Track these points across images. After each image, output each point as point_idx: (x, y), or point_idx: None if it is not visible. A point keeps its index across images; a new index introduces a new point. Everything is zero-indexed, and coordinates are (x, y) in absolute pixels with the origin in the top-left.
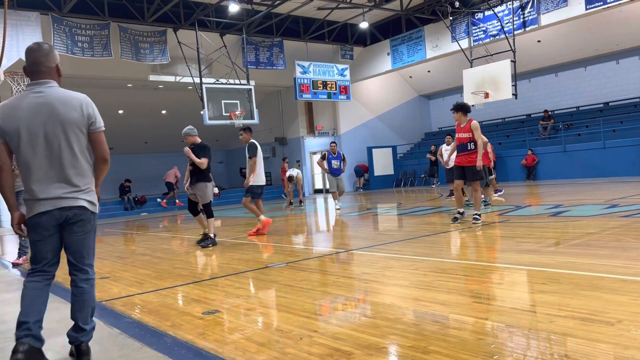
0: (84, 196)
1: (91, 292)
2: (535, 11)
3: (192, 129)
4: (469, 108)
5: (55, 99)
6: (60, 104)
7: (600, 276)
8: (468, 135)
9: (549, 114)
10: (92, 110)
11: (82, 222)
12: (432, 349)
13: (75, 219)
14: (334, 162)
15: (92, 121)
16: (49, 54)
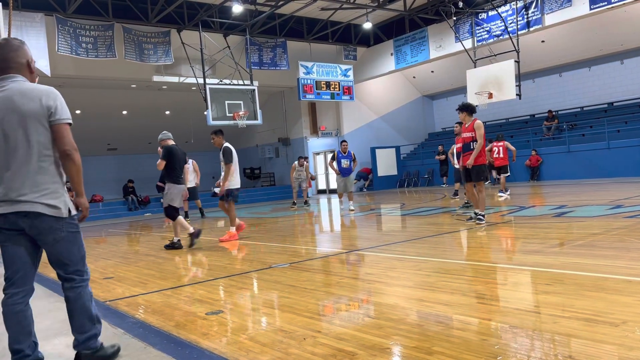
0: (43, 199)
1: (79, 301)
2: (539, 11)
3: (164, 134)
4: (474, 109)
5: (15, 91)
6: (20, 97)
7: (604, 277)
8: (471, 135)
9: (552, 114)
10: (54, 102)
11: (47, 230)
12: (436, 350)
13: (37, 228)
14: (343, 161)
15: (52, 112)
16: (18, 50)
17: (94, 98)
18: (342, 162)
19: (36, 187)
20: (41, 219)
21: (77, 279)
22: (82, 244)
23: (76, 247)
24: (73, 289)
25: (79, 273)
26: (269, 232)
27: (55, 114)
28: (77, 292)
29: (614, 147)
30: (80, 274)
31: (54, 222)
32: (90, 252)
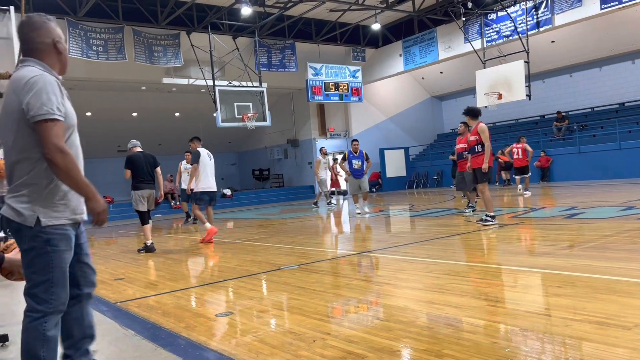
0: (9, 201)
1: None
2: (549, 11)
3: (130, 142)
4: (477, 112)
5: (11, 80)
6: (10, 86)
7: (616, 279)
8: (475, 138)
9: (562, 114)
10: (26, 95)
11: (15, 235)
12: (446, 353)
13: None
14: (355, 162)
15: (25, 108)
16: (41, 28)
17: (104, 100)
18: (354, 163)
19: (9, 188)
20: (10, 224)
21: (27, 307)
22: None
23: (37, 266)
24: (24, 317)
25: (32, 299)
26: (278, 234)
27: (29, 110)
28: (23, 325)
29: (626, 148)
30: (33, 301)
31: (15, 228)
32: (101, 253)
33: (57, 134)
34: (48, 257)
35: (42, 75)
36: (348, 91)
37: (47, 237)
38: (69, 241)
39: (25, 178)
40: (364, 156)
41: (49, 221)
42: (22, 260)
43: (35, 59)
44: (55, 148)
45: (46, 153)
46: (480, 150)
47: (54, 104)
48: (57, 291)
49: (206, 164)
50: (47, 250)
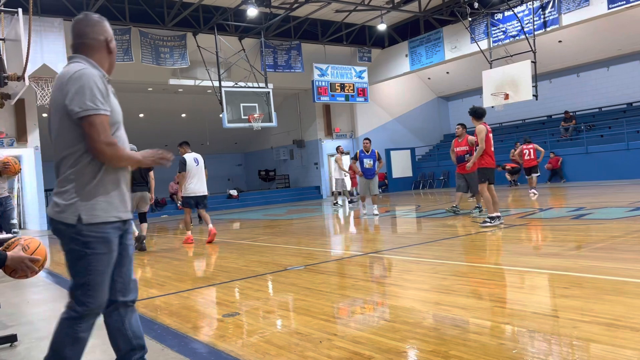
0: (54, 198)
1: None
2: (556, 11)
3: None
4: (481, 113)
5: (57, 77)
6: (56, 83)
7: (624, 280)
8: (466, 148)
9: (570, 114)
10: (73, 88)
11: (56, 232)
12: (453, 354)
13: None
14: (366, 161)
15: (68, 103)
16: (96, 25)
17: None
18: (365, 162)
19: (56, 186)
20: (50, 221)
21: (68, 302)
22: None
23: (78, 266)
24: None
25: (73, 299)
26: (284, 234)
27: (73, 106)
28: (59, 317)
29: (634, 148)
30: (73, 300)
31: (58, 226)
32: None
33: (104, 128)
34: (86, 260)
35: (86, 69)
36: (354, 92)
37: (86, 240)
38: (108, 244)
39: (68, 173)
40: (376, 155)
41: (90, 219)
42: (65, 260)
43: (83, 56)
44: (102, 142)
45: (94, 148)
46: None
47: (98, 98)
48: (94, 294)
49: (191, 170)
50: (86, 252)
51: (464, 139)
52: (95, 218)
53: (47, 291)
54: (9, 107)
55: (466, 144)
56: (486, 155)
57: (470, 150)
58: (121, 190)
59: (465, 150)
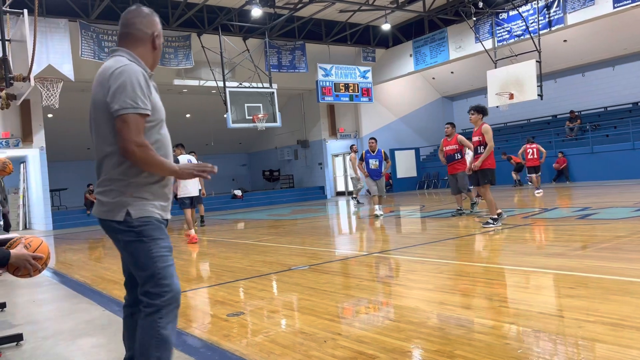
0: (99, 197)
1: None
2: (561, 10)
3: None
4: (487, 110)
5: (99, 72)
6: (97, 78)
7: (630, 280)
8: (479, 139)
9: (575, 114)
10: (114, 84)
11: (108, 230)
12: (458, 354)
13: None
14: (372, 161)
15: (109, 100)
16: (147, 17)
17: None
18: (371, 163)
19: (99, 184)
20: (101, 221)
21: (144, 301)
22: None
23: (142, 258)
24: (137, 315)
25: (148, 295)
26: (289, 234)
27: (113, 103)
28: (139, 322)
29: (639, 148)
30: (149, 296)
31: (109, 225)
32: (113, 253)
33: (137, 129)
34: (146, 247)
35: (129, 66)
36: (358, 92)
37: (140, 229)
38: (163, 230)
39: (113, 172)
40: (383, 155)
41: (139, 213)
42: (127, 259)
43: (127, 49)
44: (133, 142)
45: (123, 147)
46: (484, 151)
47: (139, 96)
48: (167, 282)
49: None
50: (144, 241)
51: (453, 138)
52: (143, 212)
53: (52, 290)
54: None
55: (455, 143)
56: (490, 156)
57: (460, 149)
58: (166, 193)
59: (455, 149)
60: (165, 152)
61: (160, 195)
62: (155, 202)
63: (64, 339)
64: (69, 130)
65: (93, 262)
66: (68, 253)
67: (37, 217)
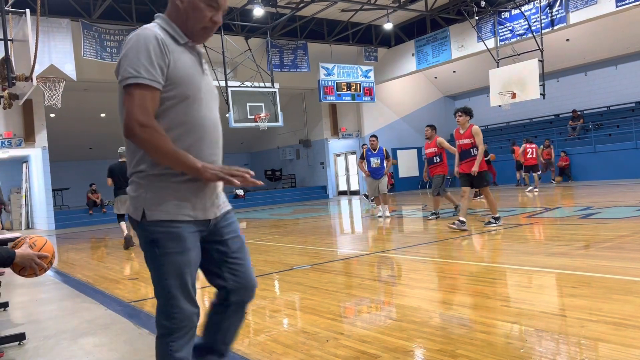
0: (127, 189)
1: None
2: (563, 9)
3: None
4: (472, 112)
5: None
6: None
7: (633, 280)
8: (470, 141)
9: (578, 113)
10: (122, 53)
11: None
12: (460, 353)
13: None
14: (373, 160)
15: (115, 72)
16: None
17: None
18: (372, 161)
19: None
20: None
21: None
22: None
23: (152, 266)
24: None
25: (158, 312)
26: (291, 234)
27: (117, 74)
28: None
29: None
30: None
31: (133, 223)
32: (115, 253)
33: (142, 104)
34: (157, 261)
35: (141, 30)
36: (360, 91)
37: (153, 237)
38: (181, 241)
39: (134, 162)
40: (384, 154)
41: (154, 215)
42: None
43: (163, 15)
44: (134, 121)
45: (124, 127)
46: (477, 153)
47: (143, 64)
48: (177, 304)
49: None
50: (155, 252)
51: (432, 140)
52: (160, 215)
53: (55, 290)
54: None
55: (435, 146)
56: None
57: (440, 152)
58: (200, 187)
59: (434, 152)
60: (193, 142)
61: (191, 190)
62: (182, 200)
63: (66, 339)
64: (71, 130)
65: (95, 262)
66: (70, 252)
67: (40, 216)
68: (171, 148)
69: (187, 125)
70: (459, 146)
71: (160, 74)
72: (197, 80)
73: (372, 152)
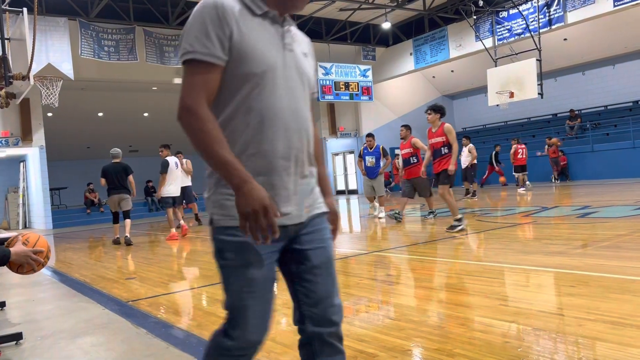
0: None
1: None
2: (561, 9)
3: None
4: (445, 111)
5: None
6: None
7: (631, 279)
8: (442, 140)
9: (575, 113)
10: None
11: None
12: (458, 352)
13: None
14: (368, 158)
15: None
16: None
17: (115, 100)
18: (367, 160)
19: None
20: None
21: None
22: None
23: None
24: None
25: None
26: None
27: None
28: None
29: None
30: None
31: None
32: (113, 252)
33: (191, 83)
34: (223, 274)
35: (202, 3)
36: (358, 90)
37: (217, 246)
38: (247, 252)
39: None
40: (381, 152)
41: (219, 221)
42: None
43: None
44: (180, 103)
45: (179, 104)
46: (447, 151)
47: (197, 37)
48: (240, 324)
49: (172, 172)
50: (220, 264)
51: (407, 141)
52: (223, 220)
53: (52, 289)
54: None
55: (410, 146)
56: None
57: (416, 153)
58: (276, 184)
59: (410, 152)
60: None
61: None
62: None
63: (64, 338)
64: (68, 129)
65: (93, 261)
66: (68, 252)
67: (37, 216)
68: (211, 143)
69: (255, 112)
70: (431, 145)
71: (219, 46)
72: (272, 57)
73: (368, 150)
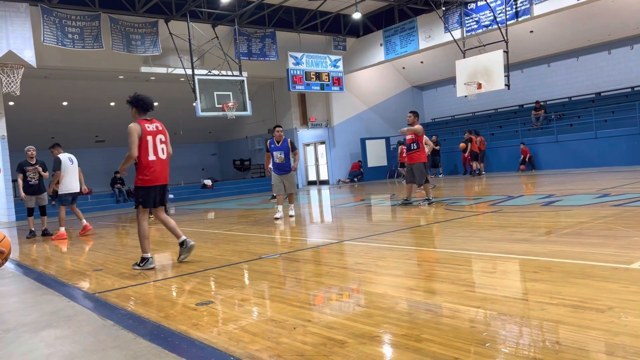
0: None
1: None
2: (527, 1)
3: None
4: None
5: None
6: None
7: (591, 264)
8: (411, 137)
9: (540, 104)
10: None
11: None
12: (425, 337)
13: None
14: (276, 154)
15: None
16: None
17: (81, 90)
18: (275, 156)
19: None
20: None
21: None
22: None
23: None
24: None
25: None
26: (259, 224)
27: None
28: None
29: (601, 137)
30: None
31: None
32: (79, 244)
33: None
34: None
35: None
36: (329, 81)
37: None
38: None
39: None
40: (289, 146)
41: None
42: None
43: None
44: None
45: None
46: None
47: None
48: None
49: (67, 168)
50: None
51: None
52: None
53: (15, 283)
54: None
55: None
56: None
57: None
58: None
59: (412, 139)
60: None
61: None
62: None
63: (27, 331)
64: (32, 119)
65: (58, 254)
66: (31, 244)
67: None
68: None
69: None
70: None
71: None
72: None
73: (275, 144)
